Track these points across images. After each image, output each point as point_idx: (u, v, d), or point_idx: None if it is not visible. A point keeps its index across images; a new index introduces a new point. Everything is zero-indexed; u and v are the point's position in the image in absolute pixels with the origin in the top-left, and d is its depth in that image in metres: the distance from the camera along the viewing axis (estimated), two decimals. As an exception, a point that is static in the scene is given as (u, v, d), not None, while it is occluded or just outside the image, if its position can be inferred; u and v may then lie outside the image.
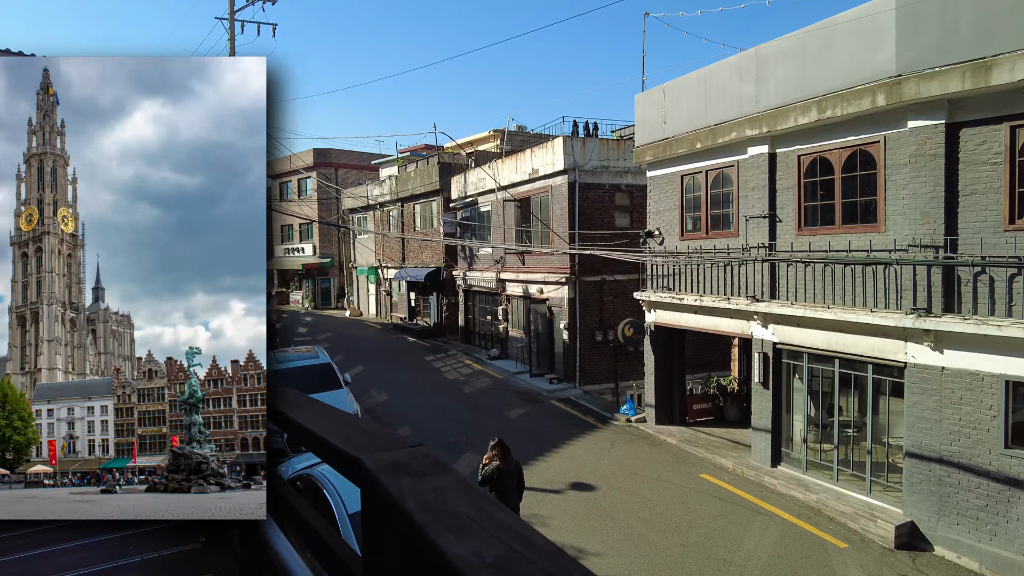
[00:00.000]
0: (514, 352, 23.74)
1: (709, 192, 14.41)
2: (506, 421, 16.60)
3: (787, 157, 12.51)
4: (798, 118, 11.79)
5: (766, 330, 13.00)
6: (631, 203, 20.35)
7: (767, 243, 12.81)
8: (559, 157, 19.62)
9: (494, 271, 24.62)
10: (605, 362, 19.97)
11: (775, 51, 12.34)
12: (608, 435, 15.62)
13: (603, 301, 20.03)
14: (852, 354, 11.32)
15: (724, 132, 13.54)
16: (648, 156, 15.86)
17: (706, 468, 13.61)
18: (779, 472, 12.85)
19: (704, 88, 14.18)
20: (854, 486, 11.57)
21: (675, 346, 16.36)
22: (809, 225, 12.17)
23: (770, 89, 12.49)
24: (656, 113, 15.61)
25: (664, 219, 15.70)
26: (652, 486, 12.55)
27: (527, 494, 11.84)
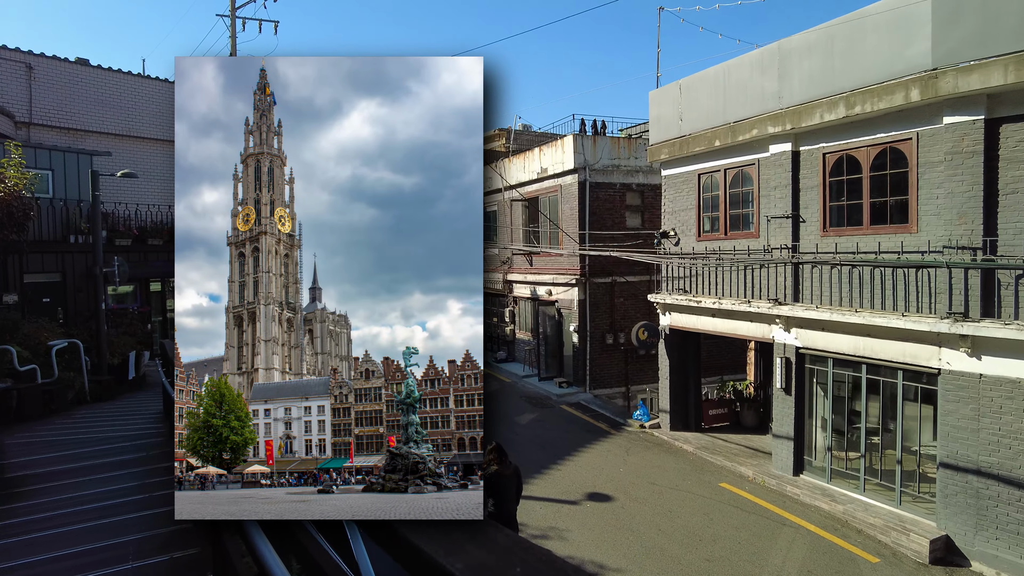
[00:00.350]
0: (521, 355, 23.32)
1: (728, 191, 13.98)
2: (517, 427, 16.18)
3: (811, 155, 12.08)
4: (824, 115, 11.36)
5: (788, 334, 12.57)
6: (642, 203, 19.92)
7: (790, 244, 12.39)
8: (569, 155, 19.18)
9: (500, 272, 24.19)
10: (616, 366, 19.54)
11: (799, 45, 11.90)
12: (622, 442, 15.19)
13: (614, 303, 19.59)
14: (880, 359, 10.89)
15: (744, 129, 13.11)
16: (663, 154, 15.43)
17: (725, 477, 13.18)
18: (802, 481, 12.42)
19: (723, 84, 13.75)
20: (882, 497, 11.14)
21: (690, 350, 15.93)
22: (835, 226, 11.74)
23: (794, 85, 12.06)
24: (672, 110, 15.18)
25: (680, 219, 15.26)
26: (671, 496, 12.11)
27: (543, 505, 11.44)
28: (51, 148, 18.68)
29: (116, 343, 15.58)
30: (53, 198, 18.08)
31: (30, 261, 16.98)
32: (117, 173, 15.83)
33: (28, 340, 12.60)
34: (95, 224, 14.87)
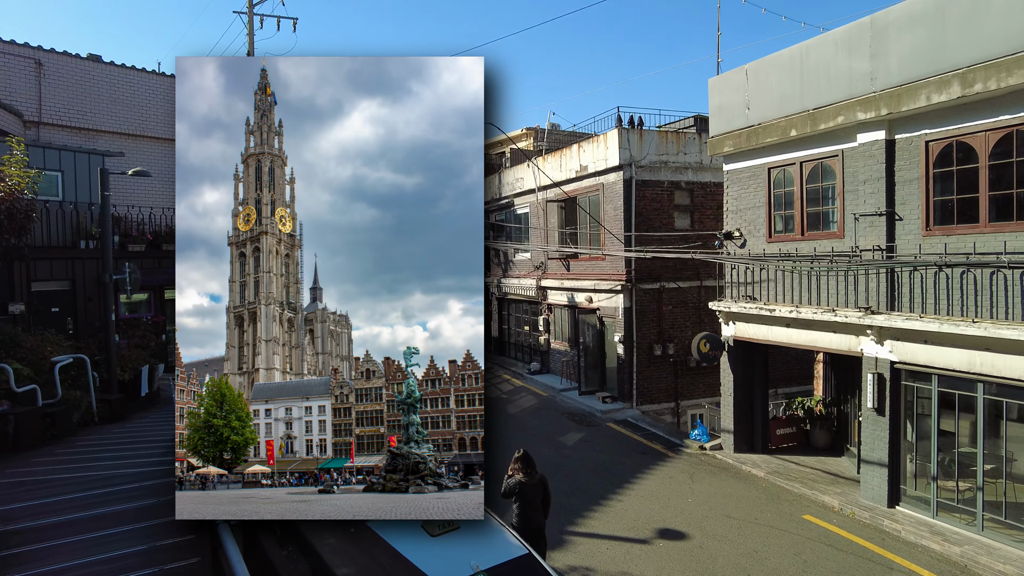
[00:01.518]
0: (556, 366, 21.86)
1: (805, 187, 12.49)
2: (563, 448, 14.73)
3: (910, 144, 10.59)
4: (932, 96, 9.88)
5: (882, 347, 11.06)
6: (691, 202, 18.45)
7: (884, 245, 10.89)
8: (613, 151, 17.75)
9: (533, 278, 22.78)
10: (664, 379, 18.06)
11: (899, 18, 10.43)
12: (683, 466, 13.69)
13: (662, 311, 18.10)
14: (1004, 378, 9.36)
15: (828, 116, 11.63)
16: (726, 147, 13.97)
17: (807, 507, 11.66)
18: (900, 514, 10.88)
19: (800, 67, 12.29)
20: (1007, 537, 9.59)
21: (757, 363, 14.42)
22: (941, 223, 10.24)
23: (891, 64, 10.58)
24: (737, 98, 13.72)
25: (746, 218, 13.79)
26: (753, 532, 10.62)
27: (611, 545, 10.00)
28: (60, 148, 17.52)
29: (127, 356, 14.31)
30: (63, 201, 16.90)
31: (38, 268, 15.78)
32: (129, 172, 14.59)
33: (30, 355, 11.33)
34: (105, 226, 13.63)
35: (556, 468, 13.23)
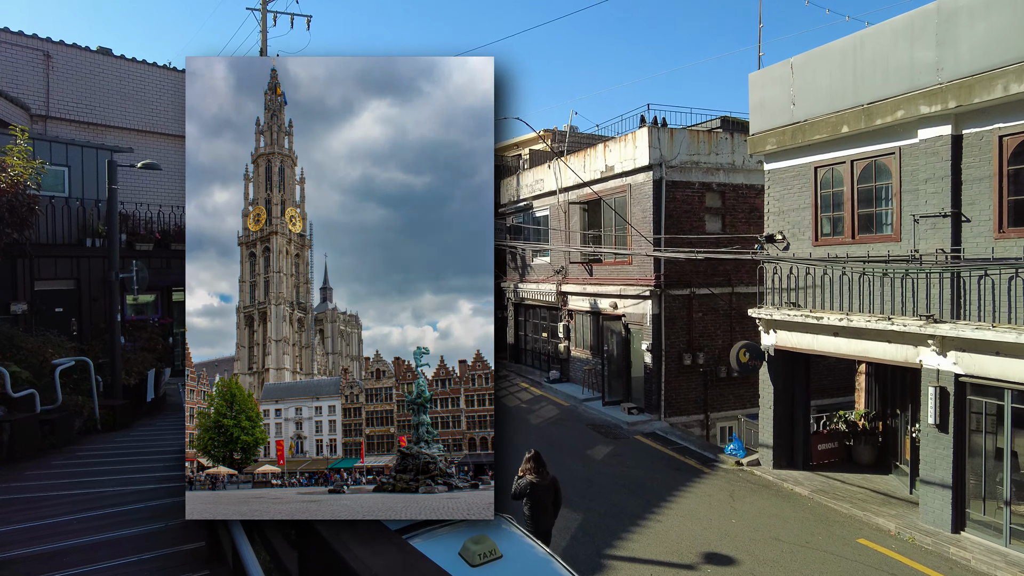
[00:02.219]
0: (577, 375, 21.04)
1: (857, 187, 11.70)
2: (592, 463, 13.91)
3: (981, 139, 9.80)
4: (1009, 86, 9.09)
5: (944, 358, 10.23)
6: (723, 205, 17.64)
7: (949, 249, 10.09)
8: (643, 150, 16.98)
9: (553, 282, 21.99)
10: (694, 390, 17.23)
11: (972, 3, 9.65)
12: (721, 483, 12.85)
13: (692, 318, 17.28)
14: (1090, 394, 8.54)
15: (886, 111, 10.85)
16: (769, 145, 13.19)
17: (861, 530, 10.81)
18: (966, 541, 10.03)
19: (853, 59, 11.52)
20: (1093, 569, 8.74)
21: (798, 374, 13.59)
22: (1016, 225, 9.43)
23: (960, 53, 9.80)
24: (781, 93, 12.95)
25: (790, 220, 12.99)
26: (806, 557, 9.78)
27: (654, 571, 9.19)
28: (68, 143, 16.87)
29: (133, 360, 13.59)
30: (69, 197, 16.23)
31: (42, 266, 15.09)
32: (137, 164, 13.90)
33: (30, 357, 10.61)
34: (111, 222, 12.92)
35: (587, 484, 12.42)
